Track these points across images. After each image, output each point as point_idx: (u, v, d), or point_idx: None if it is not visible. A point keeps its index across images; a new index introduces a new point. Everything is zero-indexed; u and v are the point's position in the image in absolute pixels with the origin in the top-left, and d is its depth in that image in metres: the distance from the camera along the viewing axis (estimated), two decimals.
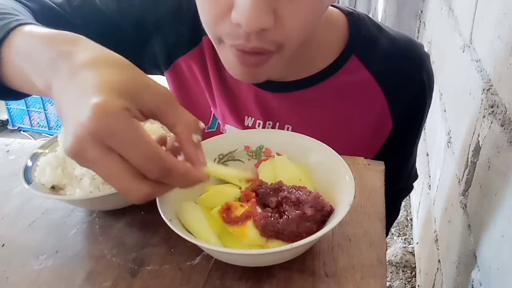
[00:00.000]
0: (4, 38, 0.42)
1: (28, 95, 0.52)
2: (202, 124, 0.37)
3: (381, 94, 0.62)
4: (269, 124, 0.65)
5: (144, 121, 0.35)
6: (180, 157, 0.37)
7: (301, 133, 0.50)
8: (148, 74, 0.42)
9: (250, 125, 0.66)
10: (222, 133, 0.70)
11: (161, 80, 0.54)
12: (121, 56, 0.36)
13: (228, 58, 0.52)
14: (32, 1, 0.57)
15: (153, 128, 0.53)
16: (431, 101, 0.67)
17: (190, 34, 0.64)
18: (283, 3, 0.45)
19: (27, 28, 0.42)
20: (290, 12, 0.46)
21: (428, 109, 0.68)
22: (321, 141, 0.48)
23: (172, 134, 0.37)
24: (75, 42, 0.37)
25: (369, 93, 0.62)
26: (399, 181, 0.76)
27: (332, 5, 0.63)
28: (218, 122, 0.70)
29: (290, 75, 0.62)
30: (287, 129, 0.64)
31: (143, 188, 0.32)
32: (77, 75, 0.34)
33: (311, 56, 0.61)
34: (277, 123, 0.65)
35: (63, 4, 0.61)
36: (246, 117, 0.66)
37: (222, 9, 0.46)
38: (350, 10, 0.63)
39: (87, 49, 0.37)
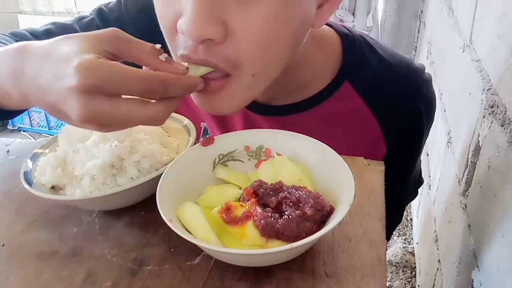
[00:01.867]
0: None
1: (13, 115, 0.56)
2: (158, 45, 0.41)
3: (375, 123, 0.60)
4: None
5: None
6: None
7: None
8: None
9: None
10: None
11: None
12: None
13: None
14: (16, 36, 0.61)
15: (152, 128, 0.53)
16: (432, 123, 0.65)
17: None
18: (234, 14, 0.41)
19: None
20: (242, 26, 0.42)
21: (428, 132, 0.66)
22: None
23: None
24: (23, 46, 0.41)
25: (362, 121, 0.60)
26: (402, 190, 0.74)
27: (327, 24, 0.60)
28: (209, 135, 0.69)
29: (280, 98, 0.60)
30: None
31: (157, 107, 0.37)
32: (42, 61, 0.37)
33: (302, 79, 0.58)
34: None
35: (41, 35, 0.63)
36: None
37: (173, 20, 0.44)
38: (346, 31, 0.60)
39: (37, 43, 0.40)
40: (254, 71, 0.45)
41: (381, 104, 0.59)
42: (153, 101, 0.39)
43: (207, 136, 0.69)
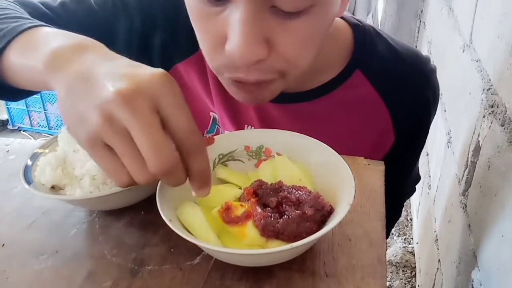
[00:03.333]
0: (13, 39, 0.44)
1: (27, 96, 0.55)
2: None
3: (385, 110, 0.61)
4: None
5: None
6: None
7: None
8: None
9: None
10: None
11: None
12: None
13: (228, 84, 0.50)
14: (26, 6, 0.57)
15: None
16: (435, 113, 0.67)
17: (187, 42, 0.62)
18: (276, 31, 0.43)
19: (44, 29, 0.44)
20: (286, 40, 0.44)
21: (430, 124, 0.67)
22: None
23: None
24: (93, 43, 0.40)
25: (372, 108, 0.61)
26: (402, 187, 0.75)
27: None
28: (218, 127, 0.70)
29: (292, 86, 0.61)
30: None
31: (170, 151, 0.33)
32: (106, 62, 0.36)
33: (314, 68, 0.59)
34: None
35: (57, 9, 0.60)
36: (246, 125, 0.66)
37: (215, 41, 0.44)
38: (356, 21, 0.62)
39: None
40: (297, 73, 0.49)
41: (392, 92, 0.61)
42: None
43: (216, 126, 0.70)
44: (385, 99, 0.61)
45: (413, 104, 0.62)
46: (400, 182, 0.73)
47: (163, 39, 0.64)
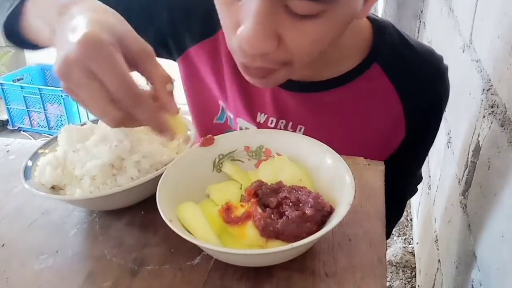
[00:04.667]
0: None
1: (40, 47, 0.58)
2: (174, 77, 0.43)
3: (398, 103, 0.62)
4: (282, 122, 0.65)
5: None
6: None
7: (313, 135, 0.50)
8: (159, 57, 0.47)
9: (262, 121, 0.66)
10: (230, 126, 0.70)
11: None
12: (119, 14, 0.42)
13: (238, 64, 0.52)
14: None
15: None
16: (443, 113, 0.67)
17: (202, 25, 0.64)
18: (286, 27, 0.44)
19: None
20: (294, 38, 0.45)
21: (441, 121, 0.68)
22: (331, 144, 0.48)
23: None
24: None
25: (387, 101, 0.62)
26: (406, 186, 0.75)
27: None
28: (227, 116, 0.70)
29: (310, 76, 0.62)
30: (300, 130, 0.64)
31: (114, 112, 0.38)
32: (75, 16, 0.40)
33: (332, 59, 0.60)
34: (290, 123, 0.65)
35: None
36: (259, 113, 0.66)
37: (233, 25, 0.46)
38: (376, 17, 0.63)
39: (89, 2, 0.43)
40: (301, 65, 0.49)
41: (407, 86, 0.61)
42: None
43: (225, 115, 0.70)
44: (400, 93, 0.61)
45: (427, 99, 0.63)
46: (405, 182, 0.73)
47: (176, 22, 0.65)
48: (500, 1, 0.71)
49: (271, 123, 0.65)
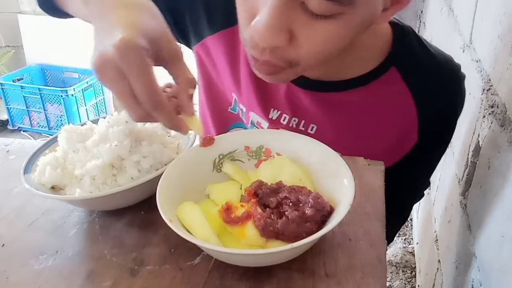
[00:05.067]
0: None
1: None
2: (197, 83, 0.46)
3: (413, 108, 0.61)
4: (294, 120, 0.65)
5: (155, 65, 0.43)
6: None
7: (326, 135, 0.50)
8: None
9: (274, 118, 0.65)
10: (241, 119, 0.70)
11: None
12: (156, 8, 0.45)
13: (249, 55, 0.53)
14: None
15: (152, 128, 0.53)
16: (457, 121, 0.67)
17: (222, 15, 0.64)
18: (300, 25, 0.45)
19: None
20: (307, 36, 0.46)
21: (454, 129, 0.67)
22: (343, 145, 0.48)
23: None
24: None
25: (402, 106, 0.62)
26: (414, 191, 0.75)
27: None
28: (239, 108, 0.70)
29: (326, 75, 0.62)
30: (312, 129, 0.64)
31: (138, 110, 0.41)
32: (116, 10, 0.43)
33: (350, 60, 0.60)
34: (303, 121, 0.64)
35: None
36: (272, 109, 0.66)
37: (248, 15, 0.47)
38: (396, 21, 0.63)
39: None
40: (307, 67, 0.50)
41: (423, 91, 0.61)
42: None
43: (237, 107, 0.70)
44: (415, 98, 0.61)
45: (442, 106, 0.62)
46: (414, 186, 0.73)
47: (196, 10, 0.66)
48: (500, 1, 0.71)
49: (284, 120, 0.65)
